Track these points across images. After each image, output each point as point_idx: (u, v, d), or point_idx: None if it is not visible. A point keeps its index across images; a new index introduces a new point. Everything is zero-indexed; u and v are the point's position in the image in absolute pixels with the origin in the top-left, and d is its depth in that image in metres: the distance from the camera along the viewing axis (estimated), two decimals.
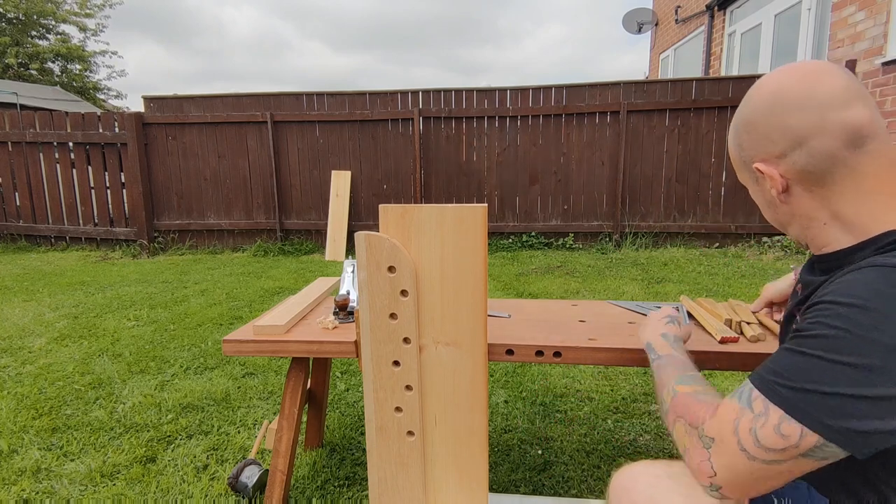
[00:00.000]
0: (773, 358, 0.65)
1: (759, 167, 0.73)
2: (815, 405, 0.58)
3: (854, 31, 4.92)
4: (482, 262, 1.01)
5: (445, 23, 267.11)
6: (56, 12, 16.80)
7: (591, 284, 4.01)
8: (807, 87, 0.69)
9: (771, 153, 0.72)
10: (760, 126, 0.73)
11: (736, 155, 0.80)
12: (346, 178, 5.76)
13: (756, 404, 0.62)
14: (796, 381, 0.59)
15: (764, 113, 0.72)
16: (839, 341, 0.58)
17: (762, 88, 0.74)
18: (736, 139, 0.78)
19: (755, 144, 0.74)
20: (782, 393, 0.60)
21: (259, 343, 1.23)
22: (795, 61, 5.89)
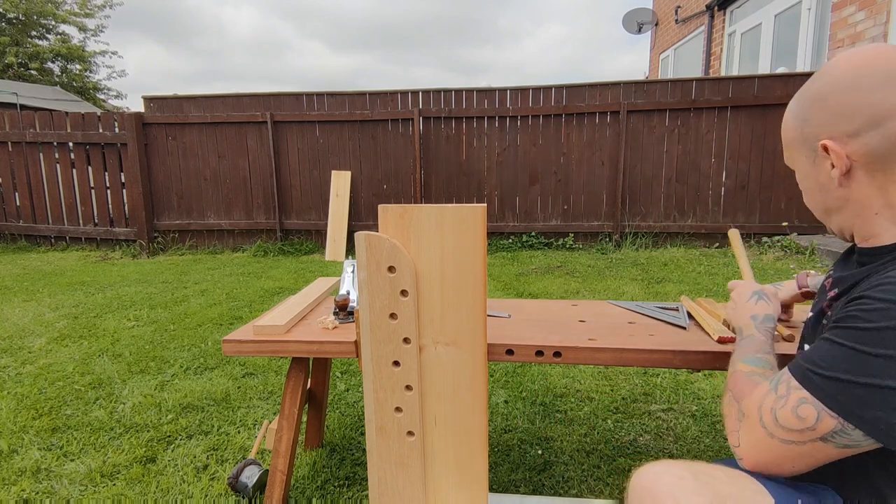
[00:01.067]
0: (811, 348, 0.67)
1: (827, 144, 0.70)
2: (845, 393, 0.60)
3: (854, 31, 4.92)
4: (482, 262, 1.01)
5: (445, 23, 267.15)
6: (56, 12, 16.80)
7: (591, 284, 4.01)
8: (891, 67, 0.66)
9: (843, 131, 0.69)
10: (837, 101, 0.69)
11: (796, 130, 0.75)
12: (346, 178, 5.76)
13: (781, 387, 0.67)
14: (829, 370, 0.62)
15: (843, 87, 0.68)
16: (877, 335, 0.59)
17: (844, 62, 0.70)
18: (801, 113, 0.74)
19: (827, 120, 0.70)
20: (814, 380, 0.63)
21: (259, 343, 1.23)
22: (795, 61, 5.83)
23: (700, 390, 2.13)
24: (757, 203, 5.37)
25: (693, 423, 1.88)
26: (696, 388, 2.15)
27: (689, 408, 1.99)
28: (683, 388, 2.15)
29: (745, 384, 0.77)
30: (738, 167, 5.36)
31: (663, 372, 2.31)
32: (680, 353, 1.10)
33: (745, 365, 0.82)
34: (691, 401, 2.05)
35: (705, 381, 2.22)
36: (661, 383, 2.21)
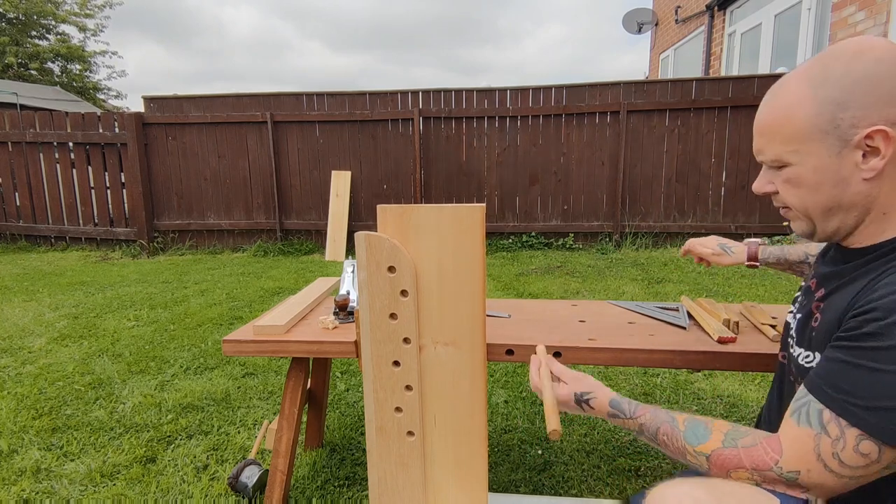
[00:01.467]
0: (831, 370, 0.63)
1: (882, 129, 0.62)
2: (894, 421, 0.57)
3: (854, 32, 4.91)
4: (481, 262, 1.01)
5: (445, 23, 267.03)
6: (56, 12, 16.80)
7: (591, 284, 4.01)
8: None
9: (889, 117, 0.62)
10: (886, 82, 0.62)
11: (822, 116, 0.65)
12: (346, 178, 5.76)
13: (831, 428, 0.61)
14: (869, 400, 0.58)
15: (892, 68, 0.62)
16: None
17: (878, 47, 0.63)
18: (835, 96, 0.64)
19: (872, 105, 0.62)
20: (859, 414, 0.59)
21: (259, 343, 1.23)
22: (795, 61, 5.84)
23: (700, 390, 2.13)
24: (757, 203, 5.37)
25: None
26: (696, 388, 2.15)
27: (689, 408, 1.99)
28: (683, 388, 2.15)
29: (751, 454, 0.67)
30: (738, 167, 5.36)
31: (663, 372, 2.31)
32: (680, 353, 1.10)
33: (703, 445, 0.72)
34: (691, 401, 2.05)
35: (705, 381, 2.22)
36: (661, 383, 2.21)
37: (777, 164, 0.71)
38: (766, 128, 0.71)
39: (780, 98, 0.70)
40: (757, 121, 0.73)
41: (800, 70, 0.69)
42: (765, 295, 3.56)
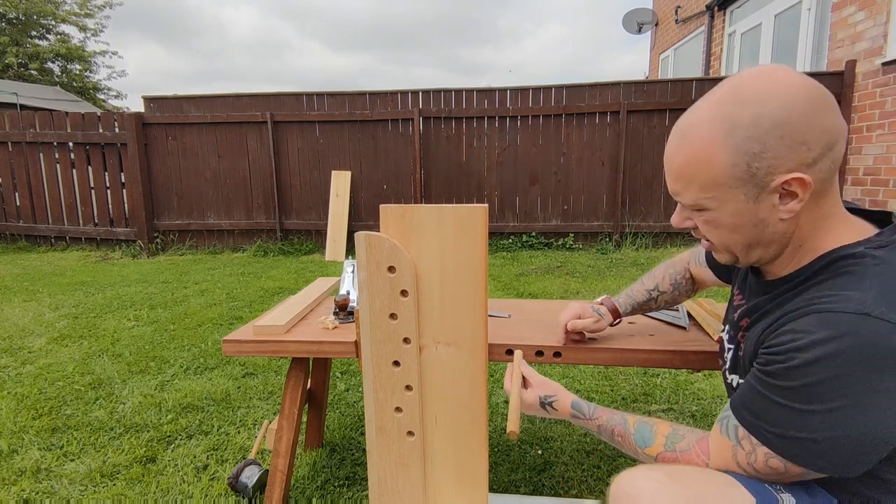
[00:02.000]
0: (749, 395, 0.70)
1: (800, 177, 0.63)
2: (797, 447, 0.64)
3: (854, 31, 4.91)
4: (482, 263, 1.01)
5: (445, 23, 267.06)
6: (56, 12, 16.80)
7: (591, 284, 4.01)
8: (820, 85, 0.64)
9: (804, 161, 0.63)
10: (799, 127, 0.62)
11: (737, 166, 0.66)
12: (346, 178, 5.76)
13: (745, 444, 0.69)
14: (776, 427, 0.66)
15: (802, 111, 0.62)
16: (804, 392, 0.62)
17: (784, 84, 0.63)
18: (749, 145, 0.64)
19: (787, 151, 0.63)
20: (768, 437, 0.67)
21: (259, 343, 1.23)
22: (795, 61, 5.82)
23: (700, 390, 2.13)
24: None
25: (693, 423, 1.88)
26: (696, 388, 2.15)
27: (689, 408, 1.99)
28: (683, 388, 2.15)
29: (688, 457, 0.76)
30: None
31: (663, 372, 2.31)
32: (680, 353, 1.10)
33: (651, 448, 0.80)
34: (691, 401, 2.05)
35: (705, 381, 2.22)
36: (661, 383, 2.21)
37: (696, 207, 0.73)
38: (681, 173, 0.71)
39: (693, 143, 0.69)
40: (669, 162, 0.73)
41: (709, 110, 0.68)
42: None
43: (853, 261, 0.66)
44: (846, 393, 0.60)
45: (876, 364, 0.58)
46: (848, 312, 0.61)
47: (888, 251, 0.66)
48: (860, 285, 0.63)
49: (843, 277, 0.65)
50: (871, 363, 0.59)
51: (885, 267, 0.64)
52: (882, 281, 0.62)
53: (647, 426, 0.83)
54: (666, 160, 0.74)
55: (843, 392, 0.60)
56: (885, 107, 4.55)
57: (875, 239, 0.68)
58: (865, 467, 0.63)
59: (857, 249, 0.67)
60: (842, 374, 0.60)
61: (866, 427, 0.60)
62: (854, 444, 0.61)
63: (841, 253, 0.67)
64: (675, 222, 0.78)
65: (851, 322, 0.60)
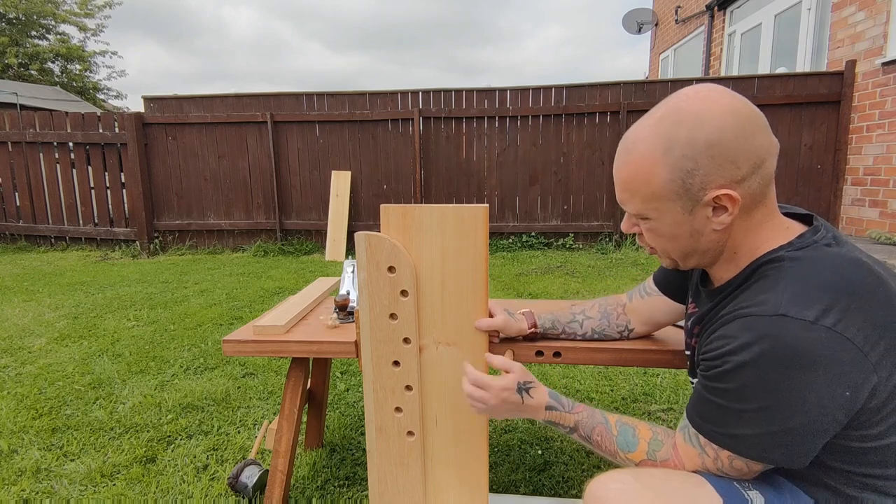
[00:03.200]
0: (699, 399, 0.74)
1: (728, 193, 0.69)
2: (749, 444, 0.69)
3: (854, 31, 4.91)
4: (483, 263, 1.01)
5: (445, 23, 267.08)
6: (56, 12, 16.80)
7: (591, 284, 4.01)
8: (752, 108, 0.70)
9: (733, 178, 0.69)
10: (727, 148, 0.67)
11: (673, 182, 0.71)
12: (346, 178, 5.76)
13: (708, 450, 0.73)
14: (724, 427, 0.70)
15: (732, 133, 0.67)
16: (741, 392, 0.67)
17: (716, 107, 0.68)
18: (683, 164, 0.69)
19: (716, 168, 0.68)
20: (723, 440, 0.71)
21: (259, 343, 1.23)
22: (795, 62, 5.79)
23: None
24: None
25: None
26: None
27: None
28: (683, 388, 2.15)
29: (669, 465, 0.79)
30: None
31: (663, 372, 2.31)
32: (680, 353, 1.10)
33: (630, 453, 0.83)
34: None
35: None
36: (661, 383, 2.21)
37: (639, 216, 0.79)
38: (626, 185, 0.77)
39: (635, 158, 0.74)
40: (616, 175, 0.79)
41: (650, 128, 0.73)
42: None
43: (773, 265, 0.71)
44: (775, 390, 0.64)
45: (795, 363, 0.63)
46: (767, 315, 0.66)
47: (806, 252, 0.70)
48: (776, 288, 0.68)
49: (762, 282, 0.71)
50: (793, 361, 0.63)
51: (801, 267, 0.68)
52: (797, 281, 0.67)
53: (629, 429, 0.84)
54: (614, 173, 0.81)
55: (773, 389, 0.64)
56: (885, 107, 4.55)
57: (796, 241, 0.72)
58: (810, 456, 0.67)
59: (777, 254, 0.72)
60: (768, 373, 0.64)
61: (800, 420, 0.64)
62: (793, 437, 0.66)
63: (763, 259, 0.73)
64: (623, 228, 0.83)
65: (770, 324, 0.65)
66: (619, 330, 1.15)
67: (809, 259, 0.69)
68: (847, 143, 4.99)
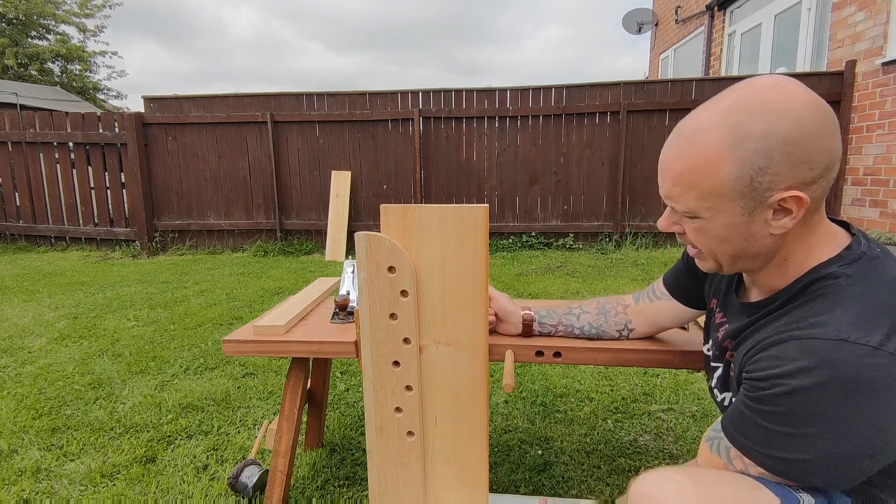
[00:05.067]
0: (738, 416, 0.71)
1: (797, 195, 0.64)
2: (788, 467, 0.67)
3: (854, 32, 4.91)
4: (483, 263, 1.01)
5: (445, 23, 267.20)
6: (56, 13, 16.79)
7: (591, 284, 4.01)
8: (827, 107, 0.65)
9: (804, 179, 0.64)
10: (804, 147, 0.63)
11: (741, 179, 0.65)
12: (346, 178, 5.76)
13: (736, 463, 0.72)
14: (764, 448, 0.68)
15: (812, 130, 0.62)
16: (790, 417, 0.64)
17: (797, 101, 0.63)
18: (756, 159, 0.64)
19: (790, 168, 0.63)
20: (760, 458, 0.69)
21: (259, 343, 1.23)
22: (795, 62, 5.80)
23: (700, 390, 2.13)
24: None
25: (693, 423, 1.88)
26: (696, 388, 2.15)
27: (690, 408, 1.99)
28: (683, 388, 2.15)
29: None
30: None
31: (663, 372, 2.31)
32: (680, 353, 1.10)
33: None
34: (691, 401, 2.05)
35: (705, 381, 2.22)
36: (661, 383, 2.21)
37: (690, 214, 0.72)
38: (681, 179, 0.70)
39: (698, 150, 0.67)
40: (669, 164, 0.71)
41: (718, 117, 0.66)
42: None
43: (827, 283, 0.67)
44: (830, 417, 0.62)
45: (857, 389, 0.60)
46: (826, 339, 0.62)
47: (858, 267, 0.67)
48: (835, 309, 0.64)
49: (818, 301, 0.67)
50: (853, 389, 0.60)
51: (858, 286, 0.66)
52: (855, 302, 0.64)
53: None
54: (664, 163, 0.72)
55: (827, 416, 0.62)
56: (885, 107, 4.55)
57: (845, 254, 0.69)
58: (855, 482, 0.65)
59: (830, 269, 0.68)
60: (824, 399, 0.61)
61: (851, 447, 0.62)
62: (840, 462, 0.63)
63: (816, 275, 0.69)
64: (661, 226, 0.78)
65: (831, 349, 0.61)
66: (618, 329, 1.14)
67: (865, 276, 0.66)
68: (847, 143, 4.99)
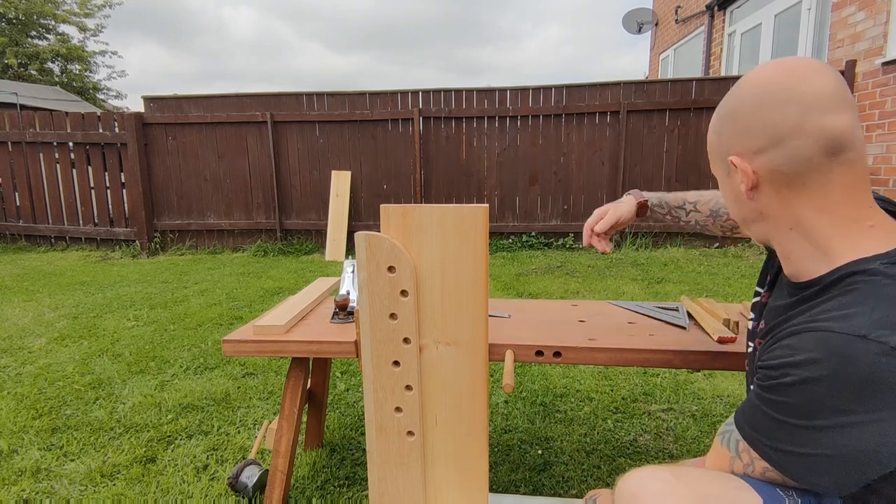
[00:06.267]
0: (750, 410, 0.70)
1: (733, 160, 0.72)
2: (793, 462, 0.65)
3: (854, 31, 4.91)
4: (483, 263, 1.01)
5: (445, 23, 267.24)
6: (55, 12, 16.79)
7: (591, 284, 4.01)
8: (794, 84, 0.67)
9: (748, 147, 0.71)
10: (743, 117, 0.71)
11: (714, 144, 0.78)
12: (346, 178, 5.76)
13: (744, 456, 0.70)
14: (773, 441, 0.66)
15: (749, 104, 0.70)
16: (801, 409, 0.62)
17: (751, 79, 0.72)
18: (716, 128, 0.77)
19: (735, 136, 0.72)
20: (765, 451, 0.68)
21: (259, 343, 1.23)
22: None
23: (700, 390, 2.13)
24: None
25: (693, 423, 1.88)
26: (696, 388, 2.15)
27: (689, 408, 1.99)
28: (683, 388, 2.15)
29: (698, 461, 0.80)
30: None
31: (663, 372, 2.31)
32: (680, 353, 1.10)
33: None
34: (691, 401, 2.05)
35: (705, 381, 2.22)
36: (661, 383, 2.21)
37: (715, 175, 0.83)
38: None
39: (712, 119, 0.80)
40: None
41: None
42: None
43: (863, 277, 0.64)
44: (837, 412, 0.60)
45: (869, 387, 0.58)
46: (845, 334, 0.60)
47: None
48: (863, 305, 0.62)
49: (849, 295, 0.64)
50: (864, 386, 0.58)
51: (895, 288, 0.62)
52: (888, 303, 0.61)
53: None
54: None
55: (834, 411, 0.60)
56: (885, 107, 4.55)
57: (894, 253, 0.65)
58: (859, 485, 0.63)
59: (871, 265, 0.65)
60: (834, 394, 0.60)
61: (859, 446, 0.60)
62: (845, 464, 0.61)
63: (853, 268, 0.66)
64: None
65: (847, 344, 0.59)
66: (725, 231, 1.19)
67: None
68: None
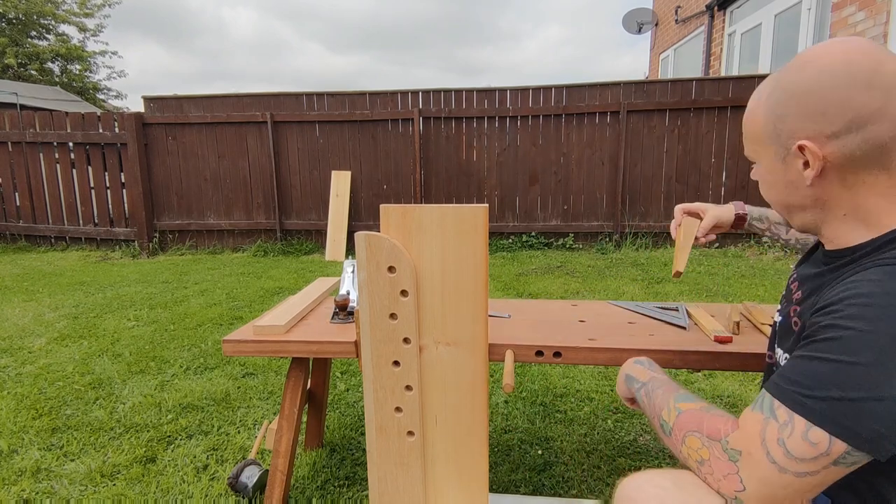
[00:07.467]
0: (788, 366, 0.63)
1: (805, 144, 0.66)
2: (840, 412, 0.56)
3: (854, 32, 4.91)
4: (483, 263, 1.01)
5: (445, 23, 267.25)
6: (55, 12, 16.79)
7: (591, 284, 4.01)
8: (874, 66, 0.63)
9: (822, 131, 0.65)
10: (819, 99, 0.65)
11: (768, 125, 0.71)
12: (346, 178, 5.76)
13: (780, 413, 0.60)
14: (816, 390, 0.58)
15: (827, 85, 0.64)
16: (851, 342, 0.56)
17: (826, 57, 0.65)
18: (777, 107, 0.69)
19: (806, 118, 0.66)
20: (805, 403, 0.58)
21: (259, 343, 1.23)
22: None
23: (700, 390, 2.13)
24: (757, 203, 5.37)
25: None
26: (696, 389, 2.15)
27: None
28: None
29: (713, 419, 0.69)
30: (738, 167, 5.36)
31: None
32: (680, 353, 1.10)
33: (687, 403, 0.75)
34: None
35: (705, 381, 2.22)
36: None
37: (750, 160, 0.79)
38: (744, 126, 0.78)
39: (752, 100, 0.76)
40: None
41: (775, 73, 0.73)
42: (765, 295, 3.56)
43: None
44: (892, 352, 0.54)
45: None
46: None
47: None
48: None
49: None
50: None
51: None
52: None
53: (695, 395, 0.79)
54: None
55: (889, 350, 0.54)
56: None
57: None
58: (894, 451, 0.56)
59: None
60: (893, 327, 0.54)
61: None
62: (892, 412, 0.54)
63: None
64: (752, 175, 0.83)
65: None
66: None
67: None
68: None
